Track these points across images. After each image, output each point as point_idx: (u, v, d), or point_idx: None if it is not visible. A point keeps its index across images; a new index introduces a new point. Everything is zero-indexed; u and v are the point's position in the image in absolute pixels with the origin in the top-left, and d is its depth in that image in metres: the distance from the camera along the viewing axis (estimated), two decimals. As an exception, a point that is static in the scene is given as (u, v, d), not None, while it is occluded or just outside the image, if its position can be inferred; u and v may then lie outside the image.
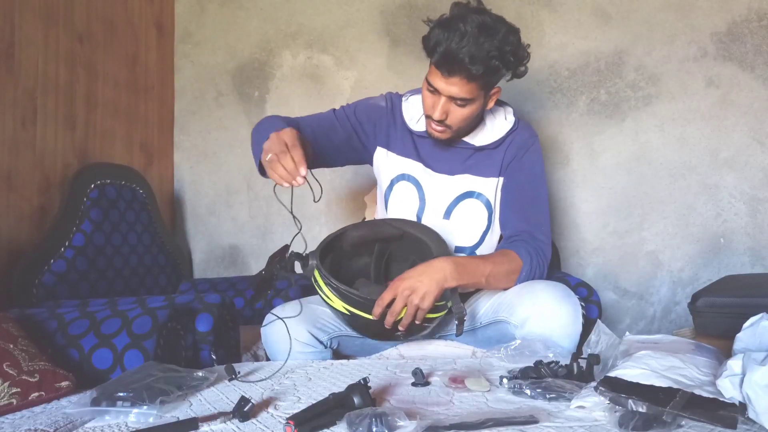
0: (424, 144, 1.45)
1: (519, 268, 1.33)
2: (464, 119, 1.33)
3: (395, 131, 1.47)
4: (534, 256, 1.34)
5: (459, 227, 1.42)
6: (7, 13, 1.62)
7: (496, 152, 1.44)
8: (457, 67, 1.22)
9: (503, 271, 1.31)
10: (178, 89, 2.50)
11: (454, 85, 1.25)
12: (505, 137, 1.43)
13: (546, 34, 2.20)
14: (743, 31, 2.05)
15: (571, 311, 1.25)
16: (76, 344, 1.22)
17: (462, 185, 1.43)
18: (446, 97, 1.28)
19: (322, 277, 1.23)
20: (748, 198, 2.05)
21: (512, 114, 1.47)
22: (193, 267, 2.47)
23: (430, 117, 1.33)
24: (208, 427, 0.84)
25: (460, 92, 1.26)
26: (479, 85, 1.27)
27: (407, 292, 1.17)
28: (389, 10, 2.31)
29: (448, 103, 1.29)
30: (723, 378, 0.78)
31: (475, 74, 1.22)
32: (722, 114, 2.07)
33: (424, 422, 0.78)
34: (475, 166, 1.44)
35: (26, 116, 1.68)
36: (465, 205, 1.43)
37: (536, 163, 1.45)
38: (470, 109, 1.31)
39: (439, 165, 1.45)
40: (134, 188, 2.03)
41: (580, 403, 0.85)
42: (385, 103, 1.49)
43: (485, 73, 1.23)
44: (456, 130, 1.35)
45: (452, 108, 1.30)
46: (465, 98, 1.27)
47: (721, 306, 1.36)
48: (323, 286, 1.23)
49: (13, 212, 1.63)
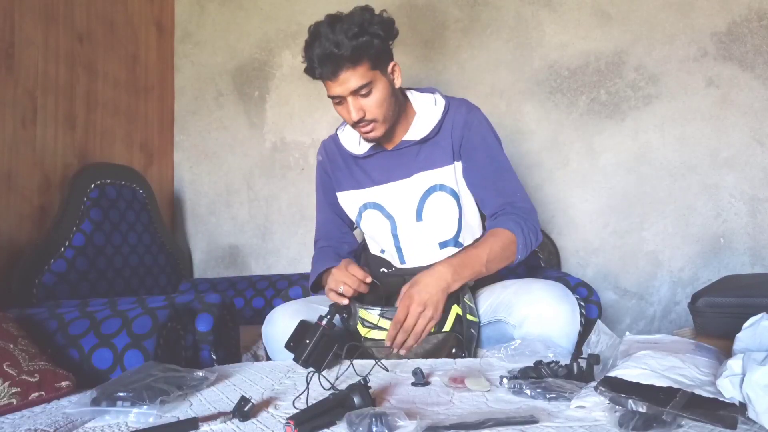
0: (372, 163, 1.46)
1: (513, 241, 1.32)
2: (380, 105, 1.31)
3: (340, 170, 1.50)
4: (523, 224, 1.34)
5: (433, 224, 1.42)
6: (7, 13, 1.62)
7: (441, 138, 1.42)
8: (332, 63, 1.24)
9: (499, 250, 1.31)
10: (178, 89, 2.50)
11: (344, 81, 1.26)
12: (442, 121, 1.42)
13: (546, 34, 2.20)
14: (743, 31, 2.05)
15: (568, 311, 1.25)
16: (76, 344, 1.22)
17: (421, 183, 1.43)
18: (350, 96, 1.28)
19: (364, 308, 1.26)
20: (748, 198, 2.05)
21: (441, 96, 1.45)
22: (193, 267, 2.47)
23: (354, 123, 1.33)
24: (208, 427, 0.83)
25: (356, 82, 1.26)
26: (365, 67, 1.27)
27: (420, 308, 1.18)
28: (389, 11, 2.30)
29: (356, 100, 1.29)
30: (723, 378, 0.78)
31: (350, 57, 1.23)
32: (722, 114, 2.07)
33: (424, 422, 0.78)
34: (426, 160, 1.43)
35: (26, 116, 1.68)
36: (432, 201, 1.43)
37: (486, 134, 1.43)
38: (378, 93, 1.31)
39: (393, 174, 1.44)
40: (134, 188, 2.03)
41: (580, 403, 0.84)
42: (321, 157, 1.53)
43: (358, 50, 1.24)
44: (382, 120, 1.34)
45: (361, 102, 1.30)
46: (363, 84, 1.27)
47: (721, 306, 1.36)
48: (366, 315, 1.26)
49: (13, 212, 1.63)
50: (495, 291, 1.37)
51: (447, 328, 1.26)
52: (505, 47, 2.21)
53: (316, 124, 2.38)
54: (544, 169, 2.21)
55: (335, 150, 1.51)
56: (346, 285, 1.25)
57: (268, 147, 2.43)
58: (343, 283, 1.25)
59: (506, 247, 1.32)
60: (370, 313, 1.25)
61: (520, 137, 2.21)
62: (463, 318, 1.27)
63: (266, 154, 2.43)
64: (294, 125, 2.41)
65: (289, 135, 2.42)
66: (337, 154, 1.51)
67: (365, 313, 1.26)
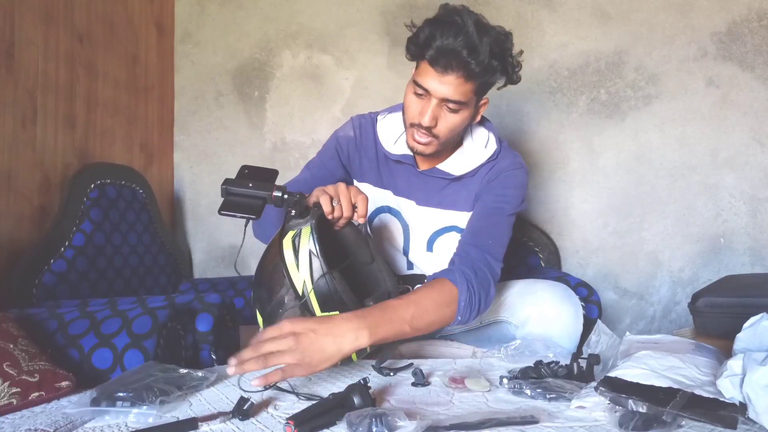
0: (401, 171, 1.36)
1: (454, 299, 1.12)
2: (453, 129, 1.22)
3: (368, 161, 1.38)
4: (474, 280, 1.14)
5: (442, 259, 1.32)
6: (7, 13, 1.61)
7: (473, 182, 1.33)
8: (455, 63, 1.12)
9: (432, 307, 1.09)
10: (178, 89, 2.50)
11: (448, 84, 1.15)
12: (482, 165, 1.32)
13: (546, 34, 2.20)
14: (743, 31, 2.05)
15: (572, 312, 1.25)
16: (76, 344, 1.22)
17: (441, 219, 1.36)
18: (438, 99, 1.17)
19: (311, 240, 1.01)
20: (748, 198, 2.05)
21: (495, 139, 1.35)
22: (193, 267, 2.47)
23: (417, 125, 1.21)
24: (207, 427, 0.84)
25: (455, 93, 1.16)
26: (474, 87, 1.18)
27: (293, 357, 0.91)
28: (389, 10, 2.31)
29: (439, 108, 1.18)
30: (723, 378, 0.78)
31: (473, 71, 1.13)
32: (722, 114, 2.07)
33: (424, 422, 0.78)
34: (450, 198, 1.34)
35: (26, 116, 1.68)
36: (446, 239, 1.36)
37: (507, 190, 1.30)
38: (461, 118, 1.22)
39: (416, 195, 1.36)
40: (134, 188, 2.03)
41: (580, 403, 0.85)
42: (353, 132, 1.38)
43: (483, 71, 1.15)
44: (442, 142, 1.24)
45: (443, 114, 1.19)
46: (459, 101, 1.17)
47: (721, 306, 1.36)
48: (300, 249, 1.01)
49: (13, 212, 1.63)
50: (497, 291, 1.37)
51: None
52: (505, 47, 2.21)
53: (316, 124, 2.38)
54: (544, 169, 2.21)
55: (371, 136, 1.37)
56: (339, 205, 1.06)
57: (268, 147, 2.43)
58: (337, 197, 1.07)
59: (442, 306, 1.11)
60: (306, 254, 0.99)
61: (520, 137, 2.20)
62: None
63: (266, 154, 2.43)
64: (294, 125, 2.41)
65: (289, 135, 2.42)
66: (371, 141, 1.37)
67: (306, 239, 1.00)
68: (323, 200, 1.07)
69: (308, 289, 1.01)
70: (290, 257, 1.02)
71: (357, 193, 1.09)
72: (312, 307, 1.01)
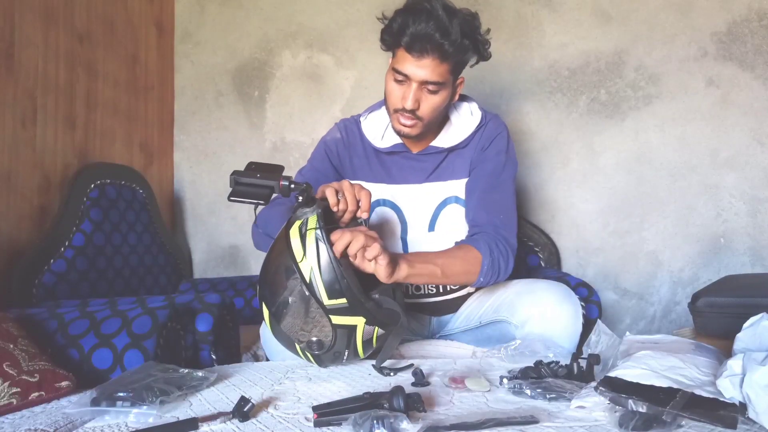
0: (393, 160, 1.41)
1: (478, 261, 1.24)
2: (435, 109, 1.28)
3: (357, 158, 1.43)
4: (495, 249, 1.26)
5: (444, 236, 1.38)
6: (7, 13, 1.62)
7: (466, 150, 1.40)
8: (429, 46, 1.19)
9: (458, 262, 1.23)
10: (178, 89, 2.50)
11: (425, 67, 1.21)
12: (474, 133, 1.39)
13: (546, 34, 2.20)
14: (743, 31, 2.05)
15: (572, 312, 1.25)
16: (76, 344, 1.22)
17: (440, 192, 1.40)
18: (417, 83, 1.23)
19: (318, 228, 1.02)
20: (748, 198, 2.05)
21: (478, 108, 1.42)
22: (193, 267, 2.47)
23: (401, 110, 1.27)
24: (208, 427, 0.83)
25: (433, 75, 1.22)
26: (450, 66, 1.23)
27: (369, 241, 1.03)
28: (389, 10, 2.31)
29: (420, 91, 1.25)
30: (723, 378, 0.78)
31: (447, 51, 1.20)
32: (722, 114, 2.07)
33: (424, 422, 0.78)
34: (446, 169, 1.40)
35: (26, 116, 1.68)
36: (447, 213, 1.40)
37: (501, 151, 1.38)
38: (440, 98, 1.27)
39: (412, 177, 1.40)
40: (134, 188, 2.03)
41: (580, 403, 0.84)
42: (340, 134, 1.44)
43: (456, 51, 1.21)
44: (426, 123, 1.30)
45: (423, 96, 1.26)
46: (437, 82, 1.23)
47: (721, 306, 1.36)
48: (307, 237, 1.03)
49: (13, 212, 1.63)
50: (497, 291, 1.37)
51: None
52: (505, 47, 2.21)
53: (316, 124, 2.38)
54: (544, 169, 2.21)
55: (357, 135, 1.44)
56: (344, 199, 1.11)
57: (268, 147, 2.43)
58: (342, 193, 1.11)
59: (468, 262, 1.24)
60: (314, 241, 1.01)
61: (520, 137, 2.20)
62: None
63: (266, 154, 2.43)
64: (294, 125, 2.41)
65: (289, 135, 2.42)
66: (358, 139, 1.43)
67: (313, 226, 1.03)
68: (329, 193, 1.10)
69: (315, 276, 1.01)
70: (297, 245, 1.04)
71: (360, 189, 1.14)
72: (319, 294, 1.02)
